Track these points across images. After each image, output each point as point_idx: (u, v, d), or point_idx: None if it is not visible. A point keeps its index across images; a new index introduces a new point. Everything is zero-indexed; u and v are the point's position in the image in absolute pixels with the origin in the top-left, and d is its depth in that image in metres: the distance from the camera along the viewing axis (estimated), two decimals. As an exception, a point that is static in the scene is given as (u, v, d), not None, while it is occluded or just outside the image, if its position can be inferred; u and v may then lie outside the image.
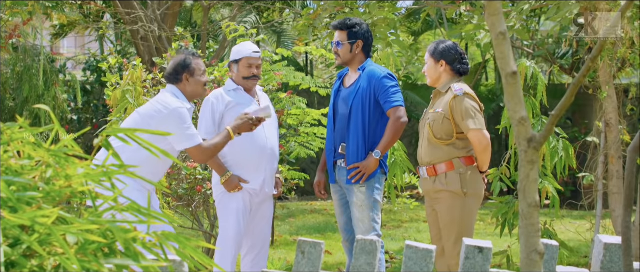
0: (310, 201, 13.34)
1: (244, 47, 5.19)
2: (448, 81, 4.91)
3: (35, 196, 1.76)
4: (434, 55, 4.94)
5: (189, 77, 4.73)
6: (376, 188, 5.08)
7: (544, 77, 10.87)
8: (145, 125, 4.53)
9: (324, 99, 13.73)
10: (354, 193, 5.08)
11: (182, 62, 4.75)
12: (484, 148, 4.73)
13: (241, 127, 4.76)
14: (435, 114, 4.86)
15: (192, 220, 6.63)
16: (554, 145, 6.20)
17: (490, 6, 2.13)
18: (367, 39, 5.20)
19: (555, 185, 6.23)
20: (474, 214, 4.85)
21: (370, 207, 5.06)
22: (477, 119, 4.73)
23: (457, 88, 4.80)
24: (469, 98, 4.77)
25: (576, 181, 10.54)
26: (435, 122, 4.83)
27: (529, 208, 2.11)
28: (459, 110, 4.75)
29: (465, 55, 4.98)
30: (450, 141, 4.80)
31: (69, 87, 12.37)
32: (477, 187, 4.82)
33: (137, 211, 1.86)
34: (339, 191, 5.26)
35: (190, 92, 4.75)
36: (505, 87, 2.13)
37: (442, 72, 4.93)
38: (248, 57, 5.15)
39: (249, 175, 5.08)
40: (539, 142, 2.12)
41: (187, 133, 4.55)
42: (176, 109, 4.55)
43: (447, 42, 4.97)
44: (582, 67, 2.30)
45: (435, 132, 4.83)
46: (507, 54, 2.12)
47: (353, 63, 5.20)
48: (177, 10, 11.77)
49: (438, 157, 4.83)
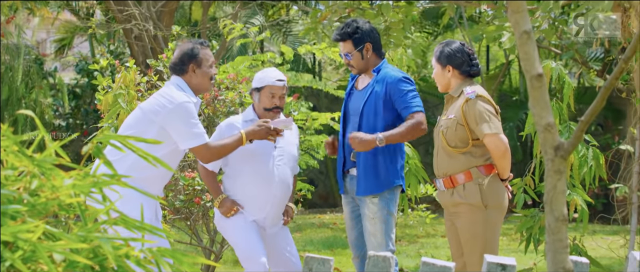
0: (318, 214, 13.34)
1: (267, 75, 5.09)
2: (459, 85, 4.89)
3: (19, 209, 1.76)
4: (440, 60, 4.92)
5: (195, 68, 4.67)
6: (390, 200, 5.07)
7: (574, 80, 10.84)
8: (148, 121, 4.50)
9: (333, 104, 13.74)
10: (366, 204, 5.06)
11: (189, 51, 4.69)
12: (502, 153, 4.71)
13: (256, 134, 4.71)
14: (447, 120, 4.84)
15: (190, 234, 6.64)
16: (583, 153, 6.18)
17: (513, 3, 2.13)
18: (374, 38, 5.15)
19: (585, 197, 6.21)
20: (498, 227, 4.83)
21: (383, 220, 5.04)
22: (493, 122, 4.72)
23: (469, 91, 4.79)
24: (482, 101, 4.76)
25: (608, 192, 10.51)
26: (449, 129, 4.82)
27: (556, 222, 2.10)
28: (472, 115, 4.73)
29: (474, 56, 4.94)
30: (466, 148, 4.78)
31: (56, 90, 12.42)
32: (499, 198, 4.79)
33: (131, 225, 1.86)
34: (350, 203, 5.24)
35: (196, 84, 4.69)
36: (529, 91, 2.13)
37: (451, 78, 4.91)
38: (271, 85, 5.05)
39: (252, 210, 5.04)
40: (567, 151, 2.12)
41: (193, 130, 4.50)
42: (182, 104, 4.49)
43: (453, 44, 4.94)
44: (614, 69, 2.29)
45: (449, 140, 4.82)
46: (531, 55, 2.12)
47: (369, 68, 5.18)
48: (173, 7, 11.81)
49: (454, 167, 4.81)
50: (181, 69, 4.69)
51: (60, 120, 13.31)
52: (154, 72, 6.52)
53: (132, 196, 2.53)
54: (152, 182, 4.56)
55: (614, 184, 7.26)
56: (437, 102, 14.73)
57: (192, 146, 4.54)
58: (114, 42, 14.24)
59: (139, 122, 4.56)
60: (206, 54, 4.73)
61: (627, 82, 7.29)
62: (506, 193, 4.87)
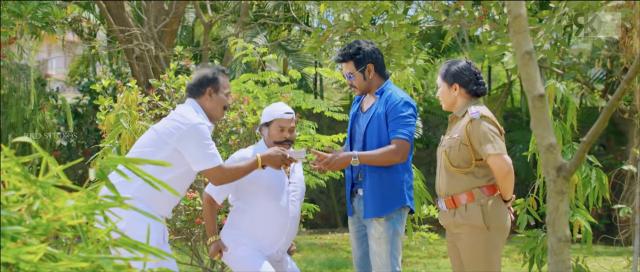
0: (320, 235, 13.32)
1: (275, 109, 5.10)
2: (464, 104, 4.90)
3: (21, 230, 1.76)
4: (446, 78, 4.94)
5: (212, 93, 4.68)
6: (397, 220, 5.07)
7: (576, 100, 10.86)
8: (162, 143, 4.50)
9: (334, 123, 13.76)
10: (373, 225, 5.06)
11: (210, 74, 4.70)
12: (505, 174, 4.70)
13: (272, 159, 4.69)
14: (451, 139, 4.85)
15: (191, 255, 6.63)
16: (586, 174, 6.19)
17: (515, 23, 2.14)
18: (376, 59, 5.17)
19: (588, 218, 6.20)
20: (500, 249, 4.82)
21: (389, 240, 5.04)
22: (497, 143, 4.72)
23: (474, 111, 4.79)
24: (486, 121, 4.76)
25: (611, 213, 10.49)
26: (452, 149, 4.82)
27: (558, 243, 2.10)
28: (476, 135, 4.74)
29: (480, 75, 4.96)
30: (469, 168, 4.78)
31: (58, 109, 12.44)
32: (501, 219, 4.79)
33: (133, 246, 1.86)
34: (356, 223, 5.25)
35: (210, 109, 4.69)
36: (531, 111, 2.13)
37: (457, 96, 4.92)
38: (279, 118, 5.05)
39: (262, 245, 5.00)
40: (569, 171, 2.12)
41: (207, 152, 4.49)
42: (196, 125, 4.49)
43: (460, 63, 4.96)
44: (616, 89, 2.29)
45: (452, 160, 4.82)
46: (533, 76, 2.13)
47: (371, 88, 5.21)
48: (175, 27, 11.84)
49: (457, 187, 4.80)
50: (198, 91, 4.70)
51: (61, 140, 13.33)
52: (155, 92, 6.54)
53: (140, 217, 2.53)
54: (161, 203, 4.56)
55: (617, 204, 7.26)
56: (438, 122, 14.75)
57: (206, 168, 4.52)
58: (116, 61, 14.29)
59: (153, 144, 4.56)
60: (225, 81, 4.74)
61: (630, 103, 7.30)
62: (508, 214, 4.87)
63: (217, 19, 12.00)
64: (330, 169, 4.97)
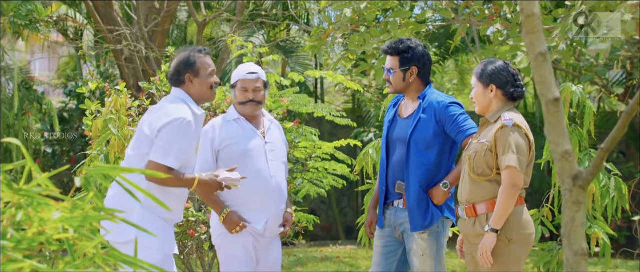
0: (320, 247, 13.31)
1: (240, 70, 5.25)
2: (499, 109, 4.83)
3: (5, 245, 1.76)
4: (482, 79, 4.86)
5: (192, 78, 4.68)
6: (441, 233, 5.08)
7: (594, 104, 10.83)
8: (148, 142, 4.52)
9: (336, 129, 13.76)
10: (414, 240, 5.05)
11: (185, 60, 4.69)
12: (510, 186, 4.65)
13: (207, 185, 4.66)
14: (478, 144, 4.79)
15: (184, 269, 6.63)
16: (605, 183, 6.18)
17: (528, 22, 2.14)
18: (424, 64, 5.16)
19: (607, 229, 6.20)
20: (521, 263, 4.77)
21: (433, 255, 5.04)
22: (520, 157, 4.67)
23: (508, 117, 4.73)
24: (519, 132, 4.71)
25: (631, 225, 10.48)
26: (477, 154, 4.77)
27: (575, 257, 2.10)
28: (502, 142, 4.69)
29: (518, 77, 4.88)
30: (490, 176, 4.74)
31: (43, 115, 12.43)
32: (524, 231, 4.74)
33: (122, 260, 1.86)
34: (384, 237, 5.22)
35: (196, 94, 4.69)
36: (545, 116, 2.13)
37: (493, 98, 4.84)
38: (243, 79, 5.19)
39: (251, 215, 5.09)
40: (586, 180, 2.12)
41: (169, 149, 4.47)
42: (175, 120, 4.49)
43: (497, 63, 4.89)
44: (637, 92, 2.30)
45: (475, 167, 4.77)
46: (547, 78, 2.13)
47: (409, 92, 5.20)
48: (167, 27, 11.84)
49: (478, 195, 4.77)
50: (178, 79, 4.71)
51: (46, 147, 13.32)
52: (146, 95, 6.54)
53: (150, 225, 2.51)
54: (171, 204, 4.58)
55: (638, 216, 7.25)
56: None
57: (155, 160, 4.48)
58: (104, 63, 14.28)
59: (139, 144, 4.58)
60: (204, 62, 4.73)
61: (651, 107, 7.29)
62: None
63: (212, 18, 11.99)
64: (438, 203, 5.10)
